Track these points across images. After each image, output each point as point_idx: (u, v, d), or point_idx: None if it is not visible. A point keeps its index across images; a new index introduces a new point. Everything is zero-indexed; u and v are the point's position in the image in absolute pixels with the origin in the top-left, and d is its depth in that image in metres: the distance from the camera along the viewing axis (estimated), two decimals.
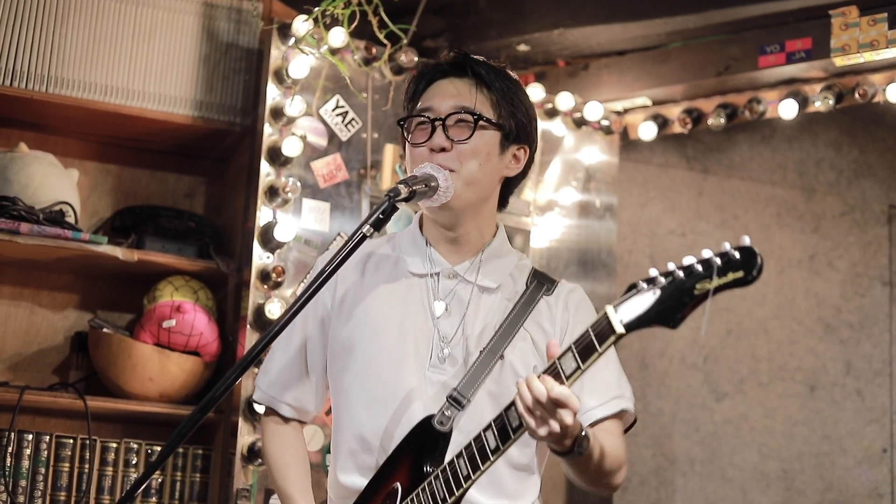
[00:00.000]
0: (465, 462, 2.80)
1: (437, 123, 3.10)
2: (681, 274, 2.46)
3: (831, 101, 5.71)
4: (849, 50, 5.46)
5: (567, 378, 2.62)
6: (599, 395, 3.10)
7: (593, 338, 2.56)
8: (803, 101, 5.78)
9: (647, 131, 6.14)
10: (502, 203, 3.32)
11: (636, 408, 3.21)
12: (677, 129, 6.12)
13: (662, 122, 6.14)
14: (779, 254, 6.89)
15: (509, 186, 3.30)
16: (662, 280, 2.49)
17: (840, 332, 7.00)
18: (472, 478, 2.79)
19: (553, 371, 2.64)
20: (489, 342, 3.08)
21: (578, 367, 2.60)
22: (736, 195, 6.95)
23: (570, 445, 2.77)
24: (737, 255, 2.41)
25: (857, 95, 5.67)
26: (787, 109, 5.77)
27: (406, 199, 2.96)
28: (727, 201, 6.92)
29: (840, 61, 5.53)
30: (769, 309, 6.92)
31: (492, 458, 2.76)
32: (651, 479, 6.57)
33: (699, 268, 2.43)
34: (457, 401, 3.00)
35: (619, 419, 3.16)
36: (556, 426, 2.65)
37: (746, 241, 2.42)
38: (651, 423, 6.56)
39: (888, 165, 7.20)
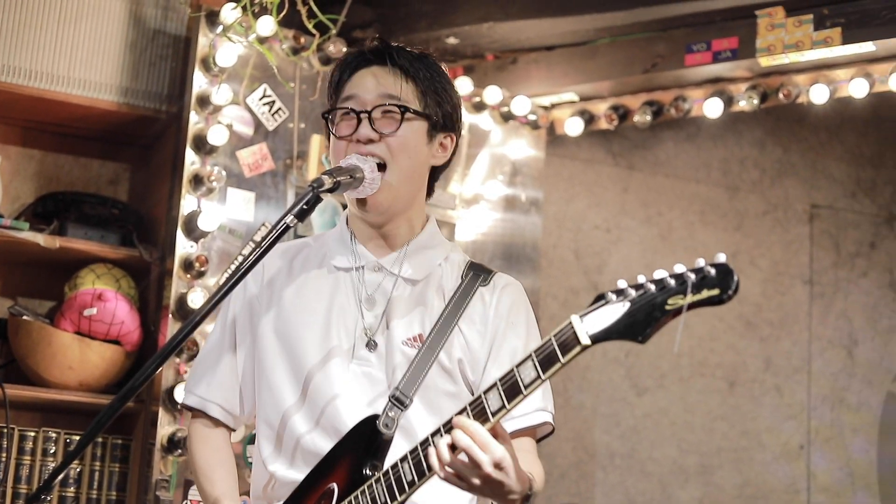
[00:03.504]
0: (409, 467, 2.75)
1: (362, 115, 3.06)
2: (652, 288, 2.39)
3: (756, 101, 5.76)
4: (774, 50, 5.51)
5: (526, 388, 2.54)
6: (523, 404, 2.87)
7: (556, 347, 2.48)
8: (728, 100, 5.83)
9: (573, 127, 6.16)
10: (428, 192, 3.27)
11: (557, 402, 3.18)
12: (604, 125, 6.14)
13: (589, 118, 6.16)
14: (702, 251, 6.93)
15: (435, 175, 3.25)
16: (633, 293, 2.42)
17: (760, 330, 7.07)
18: (417, 484, 2.74)
19: (510, 381, 2.57)
20: (427, 338, 3.05)
21: (539, 377, 2.52)
22: (661, 192, 6.99)
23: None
24: (712, 271, 2.35)
25: (781, 96, 5.73)
26: (713, 108, 5.82)
27: (330, 190, 2.91)
28: (652, 198, 6.96)
29: (765, 61, 5.58)
30: None
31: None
32: (571, 473, 6.60)
33: (672, 283, 2.37)
34: (399, 401, 2.96)
35: (534, 433, 3.11)
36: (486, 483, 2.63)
37: (722, 258, 2.37)
38: (572, 417, 6.59)
39: (811, 165, 7.27)
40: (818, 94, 5.63)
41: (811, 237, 7.23)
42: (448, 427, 2.68)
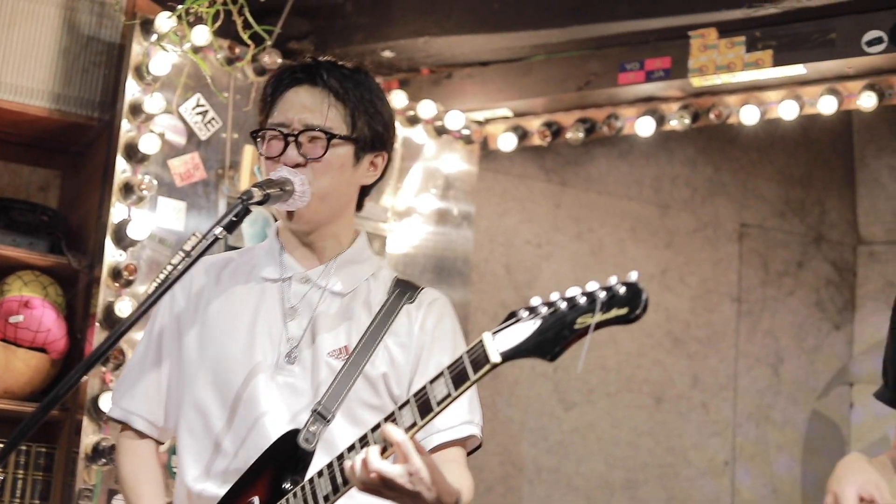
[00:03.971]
0: (326, 481, 2.77)
1: (290, 139, 3.06)
2: (563, 305, 2.41)
3: (687, 121, 5.82)
4: (706, 71, 5.58)
5: (438, 404, 2.57)
6: (449, 417, 2.99)
7: (468, 364, 2.52)
8: (660, 119, 5.88)
9: (506, 142, 6.19)
10: (358, 206, 3.27)
11: (486, 415, 3.20)
12: (537, 141, 6.18)
13: (522, 134, 6.19)
14: (632, 267, 6.87)
15: (365, 190, 3.25)
16: (544, 310, 2.43)
17: (688, 346, 7.12)
18: (332, 499, 2.76)
19: (423, 398, 2.60)
20: (353, 352, 3.05)
21: (450, 395, 2.55)
22: (592, 208, 7.02)
23: None
24: (622, 290, 2.36)
25: (712, 116, 5.80)
26: (644, 127, 5.87)
27: (260, 203, 2.92)
28: (584, 214, 7.00)
29: (697, 82, 5.64)
30: None
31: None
32: (498, 487, 6.61)
33: (582, 301, 2.39)
34: (322, 415, 2.97)
35: (463, 444, 3.12)
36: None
37: (634, 276, 2.38)
38: (500, 431, 6.61)
39: (741, 185, 7.34)
40: (749, 115, 5.70)
41: (740, 256, 7.30)
42: (364, 442, 2.70)
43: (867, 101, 5.50)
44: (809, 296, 7.42)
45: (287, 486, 2.91)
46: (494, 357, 2.47)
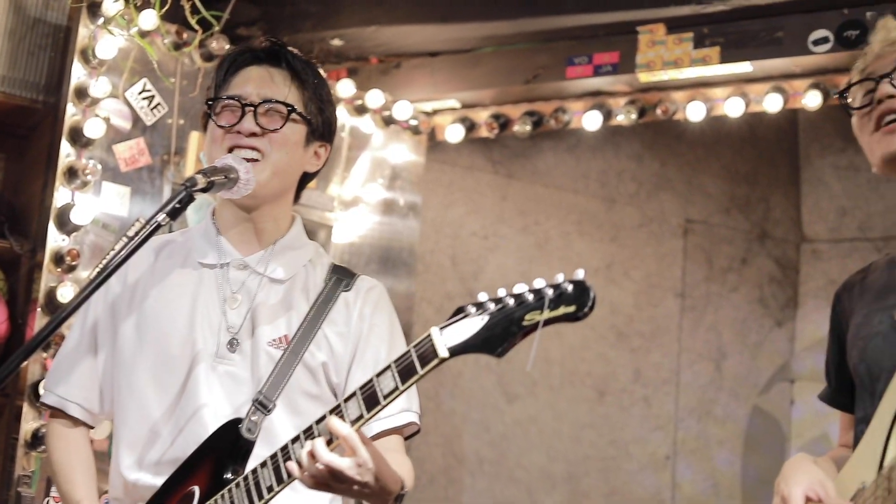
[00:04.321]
0: (269, 473, 2.76)
1: (248, 108, 3.07)
2: (511, 302, 2.42)
3: (634, 116, 5.85)
4: (654, 66, 5.60)
5: (385, 397, 2.57)
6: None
7: (415, 359, 2.52)
8: (607, 114, 5.91)
9: (454, 133, 6.19)
10: (295, 197, 3.27)
11: (428, 406, 3.21)
12: (484, 133, 6.19)
13: (470, 126, 6.20)
14: (577, 261, 7.00)
15: (305, 181, 3.26)
16: (492, 306, 2.44)
17: (631, 341, 7.16)
18: (276, 490, 2.75)
19: (370, 391, 2.60)
20: (292, 341, 3.05)
21: (397, 388, 2.56)
22: (539, 201, 7.04)
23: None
24: (570, 288, 2.37)
25: (659, 111, 5.83)
26: (591, 121, 5.90)
27: (204, 190, 2.90)
28: (530, 207, 7.01)
29: (644, 77, 5.67)
30: None
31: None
32: (440, 478, 6.62)
33: (530, 298, 2.40)
34: (263, 405, 2.97)
35: (401, 432, 3.13)
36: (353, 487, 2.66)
37: (580, 274, 2.39)
38: (442, 423, 6.61)
39: (687, 180, 7.38)
40: (695, 112, 5.74)
41: (685, 251, 7.34)
42: (308, 434, 2.70)
43: (812, 100, 5.55)
44: (752, 292, 7.47)
45: (228, 475, 2.91)
46: (442, 352, 2.47)
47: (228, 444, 2.94)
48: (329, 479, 2.64)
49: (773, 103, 5.61)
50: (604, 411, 7.08)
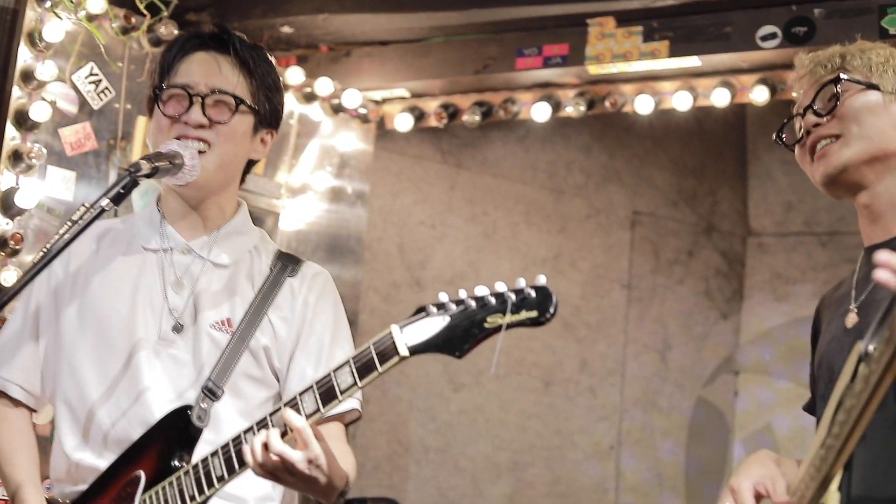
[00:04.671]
0: (220, 462, 2.76)
1: (195, 99, 3.05)
2: (473, 304, 2.44)
3: (583, 108, 5.87)
4: (603, 59, 5.62)
5: (342, 393, 2.58)
6: None
7: (374, 356, 2.53)
8: (556, 105, 5.93)
9: (403, 122, 6.20)
10: (241, 182, 3.27)
11: (374, 394, 3.21)
12: (433, 122, 6.20)
13: (419, 115, 6.20)
14: (524, 251, 7.02)
15: (249, 167, 3.26)
16: (453, 307, 2.46)
17: (578, 331, 7.18)
18: (226, 479, 2.75)
19: (327, 386, 2.60)
20: (238, 327, 3.04)
21: (355, 384, 2.56)
22: (487, 191, 7.05)
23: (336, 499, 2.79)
24: (532, 293, 2.40)
25: (607, 104, 5.85)
26: (540, 112, 5.91)
27: (148, 176, 2.89)
28: (478, 197, 7.02)
29: (594, 69, 5.69)
30: None
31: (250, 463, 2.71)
32: (385, 465, 6.63)
33: (492, 301, 2.42)
34: (212, 392, 2.96)
35: (342, 419, 3.13)
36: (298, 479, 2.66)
37: (542, 280, 2.41)
38: (388, 410, 6.62)
39: (635, 172, 7.41)
40: (643, 105, 5.77)
41: (632, 243, 7.38)
42: (262, 424, 2.70)
43: (759, 95, 5.59)
44: (698, 284, 7.52)
45: (176, 463, 2.90)
46: (403, 350, 2.49)
47: (177, 431, 2.94)
48: (280, 470, 2.64)
49: (720, 98, 5.65)
50: (549, 401, 7.10)
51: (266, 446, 2.63)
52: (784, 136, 2.91)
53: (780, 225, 7.61)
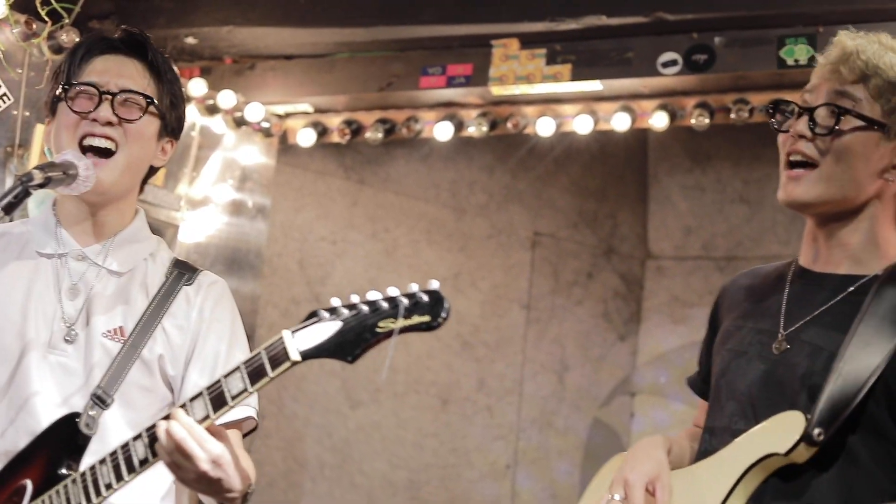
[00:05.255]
0: (108, 470, 2.72)
1: (105, 97, 3.01)
2: (365, 309, 2.42)
3: (485, 128, 5.90)
4: (506, 80, 5.66)
5: (233, 399, 2.56)
6: None
7: (266, 361, 2.51)
8: (459, 125, 5.96)
9: (305, 138, 6.18)
10: (139, 190, 3.24)
11: (270, 409, 3.20)
12: (336, 138, 6.19)
13: (322, 130, 6.19)
14: (425, 269, 7.02)
15: (149, 175, 3.23)
16: (345, 312, 2.44)
17: (476, 350, 7.19)
18: (115, 487, 2.71)
19: (217, 391, 2.58)
20: (130, 336, 3.00)
21: (245, 390, 2.54)
22: (389, 208, 7.04)
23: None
24: (425, 298, 2.39)
25: (509, 125, 5.90)
26: (443, 131, 5.94)
27: (41, 186, 2.84)
28: (380, 213, 7.01)
29: (497, 90, 5.73)
30: None
31: (138, 470, 2.68)
32: (280, 482, 6.59)
33: (385, 305, 2.40)
34: (101, 400, 2.92)
35: (240, 427, 3.09)
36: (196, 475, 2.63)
37: (435, 285, 2.40)
38: (284, 426, 6.58)
39: (536, 194, 7.44)
40: (545, 127, 5.81)
41: (532, 263, 7.41)
42: (150, 430, 2.66)
43: (659, 121, 5.66)
44: (597, 306, 7.57)
45: (63, 471, 2.85)
46: (294, 355, 2.47)
47: (64, 439, 2.89)
48: (185, 463, 2.60)
49: (620, 122, 5.71)
50: (447, 419, 7.11)
51: (168, 432, 2.59)
52: (777, 114, 2.75)
53: (678, 249, 7.68)
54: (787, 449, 2.47)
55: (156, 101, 3.07)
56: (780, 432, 2.49)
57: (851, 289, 2.61)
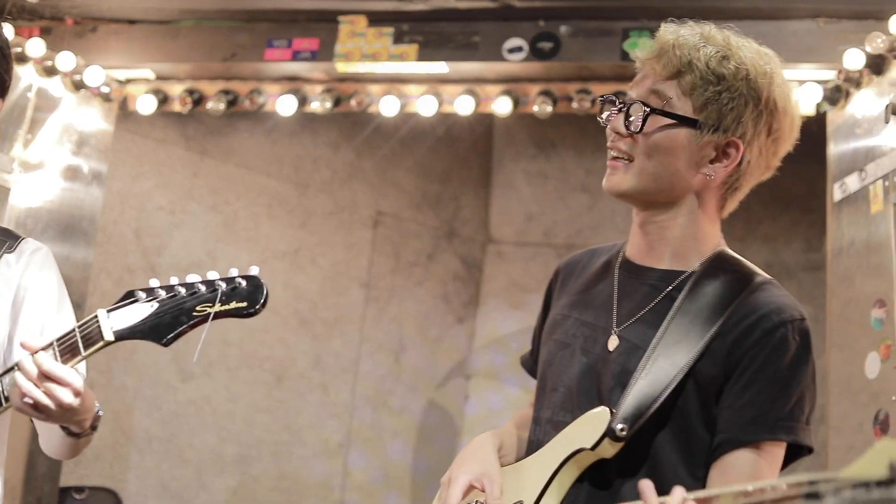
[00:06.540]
0: None
1: None
2: (182, 291, 2.44)
3: (329, 104, 5.87)
4: (352, 57, 5.63)
5: None
6: None
7: (79, 340, 2.51)
8: (303, 100, 5.91)
9: (146, 105, 6.07)
10: None
11: (99, 381, 3.17)
12: (177, 107, 6.10)
13: (163, 98, 6.09)
14: (265, 243, 6.98)
15: None
16: (162, 294, 2.45)
17: (314, 327, 7.17)
18: None
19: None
20: None
21: None
22: (230, 181, 6.97)
23: (90, 424, 2.77)
24: (244, 283, 2.41)
25: (354, 102, 5.87)
26: (286, 105, 5.89)
27: None
28: (221, 185, 6.94)
29: (342, 67, 5.70)
30: None
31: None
32: (106, 454, 6.48)
33: (203, 289, 2.42)
34: None
35: None
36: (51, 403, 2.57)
37: (255, 270, 2.43)
38: (113, 398, 6.47)
39: (381, 173, 7.44)
40: (389, 107, 5.80)
41: (373, 242, 7.41)
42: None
43: (503, 107, 5.68)
44: (437, 287, 7.60)
45: None
46: (108, 335, 2.47)
47: None
48: (47, 399, 2.56)
49: (464, 106, 5.72)
50: (280, 396, 7.07)
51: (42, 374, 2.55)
52: (605, 108, 2.72)
53: (519, 234, 7.75)
54: (593, 443, 2.50)
55: None
56: (589, 427, 2.52)
57: (670, 287, 2.63)
